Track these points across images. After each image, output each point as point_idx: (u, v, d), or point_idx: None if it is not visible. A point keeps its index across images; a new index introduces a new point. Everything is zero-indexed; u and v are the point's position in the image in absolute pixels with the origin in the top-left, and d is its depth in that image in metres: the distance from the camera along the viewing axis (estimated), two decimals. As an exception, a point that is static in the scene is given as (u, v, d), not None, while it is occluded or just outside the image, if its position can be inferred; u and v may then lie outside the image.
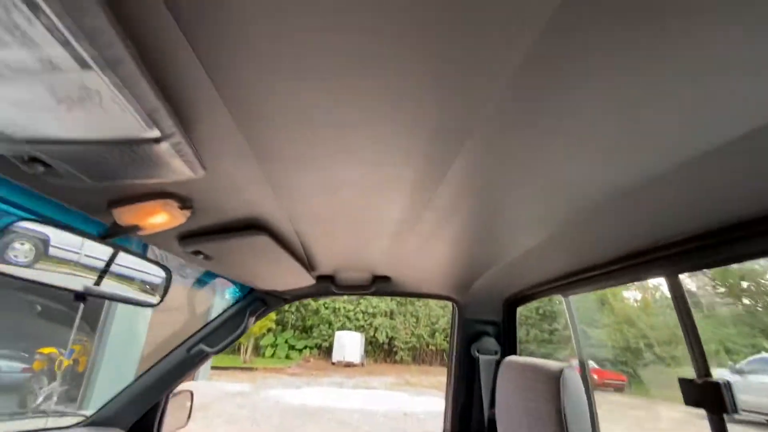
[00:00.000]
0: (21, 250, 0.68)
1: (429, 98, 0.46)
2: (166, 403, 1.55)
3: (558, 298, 1.43)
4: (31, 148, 0.44)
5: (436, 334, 19.17)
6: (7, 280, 0.68)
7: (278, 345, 18.05)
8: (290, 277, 1.36)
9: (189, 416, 1.77)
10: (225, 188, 0.71)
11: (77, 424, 1.43)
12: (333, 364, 17.16)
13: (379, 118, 0.51)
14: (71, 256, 0.77)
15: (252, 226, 0.91)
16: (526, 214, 0.83)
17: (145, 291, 1.04)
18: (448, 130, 0.53)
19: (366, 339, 18.44)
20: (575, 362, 1.67)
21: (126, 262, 0.89)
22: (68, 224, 0.69)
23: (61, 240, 0.71)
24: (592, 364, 11.96)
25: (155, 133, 0.44)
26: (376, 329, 19.04)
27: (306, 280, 1.41)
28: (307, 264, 1.31)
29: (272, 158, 0.62)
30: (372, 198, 0.79)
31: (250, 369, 15.19)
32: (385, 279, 1.52)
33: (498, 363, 1.46)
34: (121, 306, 7.69)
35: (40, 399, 6.89)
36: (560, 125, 0.50)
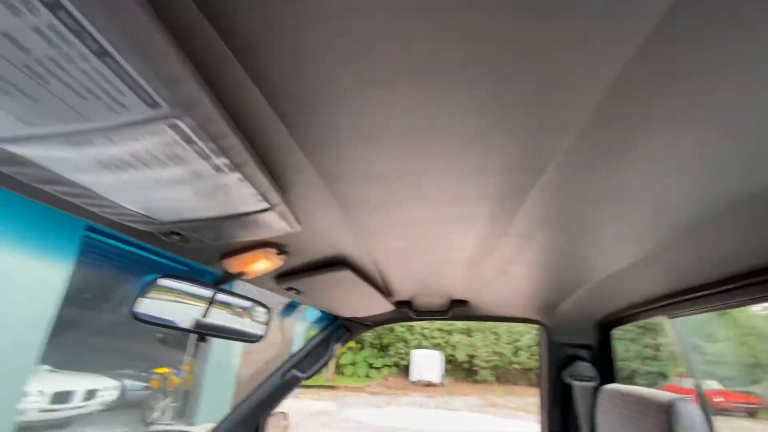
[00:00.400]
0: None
1: (505, 137, 0.47)
2: (264, 423, 1.69)
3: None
4: (173, 226, 0.56)
5: (520, 351, 18.03)
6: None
7: (357, 363, 18.40)
8: (370, 304, 1.42)
9: (285, 437, 1.91)
10: (314, 234, 0.80)
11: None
12: (412, 383, 16.98)
13: (451, 164, 0.54)
14: (176, 285, 0.89)
15: (336, 262, 0.99)
16: (617, 234, 0.78)
17: (240, 315, 1.15)
18: (525, 163, 0.53)
19: (444, 357, 18.00)
20: (690, 381, 1.47)
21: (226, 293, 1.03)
22: (190, 275, 0.82)
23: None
24: (714, 384, 10.23)
25: (265, 206, 0.53)
26: (454, 347, 18.50)
27: (385, 306, 1.46)
28: (385, 291, 1.36)
29: (353, 206, 0.69)
30: (446, 231, 0.82)
31: (332, 387, 15.66)
32: (463, 303, 1.51)
33: (595, 390, 1.35)
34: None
35: (157, 414, 7.85)
36: (659, 141, 0.46)
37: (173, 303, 0.81)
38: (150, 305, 0.75)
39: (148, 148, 0.37)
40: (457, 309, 1.53)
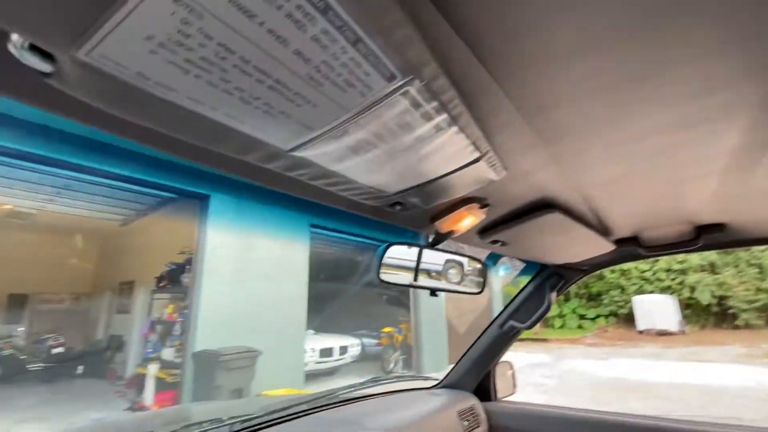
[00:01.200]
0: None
1: None
2: (494, 371, 1.78)
3: None
4: (397, 197, 0.63)
5: (806, 285, 13.19)
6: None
7: (566, 315, 17.30)
8: (584, 247, 1.28)
9: (514, 384, 1.97)
10: (516, 179, 0.75)
11: (434, 386, 1.86)
12: (639, 333, 14.80)
13: (701, 41, 0.41)
14: (404, 250, 1.00)
15: (542, 206, 0.92)
16: None
17: (459, 270, 1.21)
18: None
19: (679, 301, 14.89)
20: None
21: (430, 258, 1.10)
22: (408, 241, 0.92)
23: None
24: None
25: (476, 155, 0.53)
26: (692, 288, 15.05)
27: (603, 247, 1.29)
28: (602, 230, 1.20)
29: (560, 138, 0.61)
30: (688, 139, 0.64)
31: (543, 340, 15.25)
32: (717, 228, 1.17)
33: None
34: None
35: (392, 365, 9.45)
36: None
37: (405, 265, 0.93)
38: (388, 270, 0.88)
39: (385, 122, 0.42)
40: (708, 236, 1.20)
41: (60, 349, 8.02)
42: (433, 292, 0.97)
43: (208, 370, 5.16)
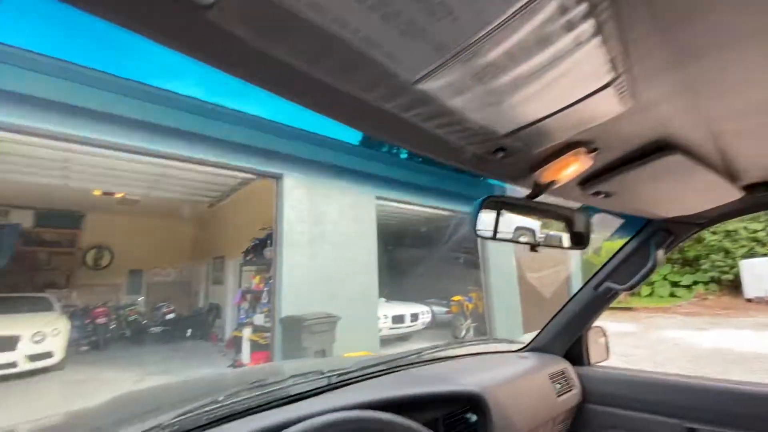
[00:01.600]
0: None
1: None
2: (586, 336, 1.69)
3: None
4: (503, 141, 0.58)
5: None
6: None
7: (655, 282, 15.76)
8: (704, 195, 1.11)
9: (608, 350, 1.85)
10: (633, 115, 0.66)
11: (521, 349, 1.82)
12: (748, 301, 13.01)
13: None
14: (499, 202, 0.93)
15: (660, 147, 0.80)
16: None
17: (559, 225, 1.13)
18: None
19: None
20: None
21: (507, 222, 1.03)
22: (505, 195, 0.87)
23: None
24: None
25: (609, 78, 0.46)
26: (821, 249, 12.73)
27: (728, 194, 1.11)
28: (729, 174, 1.03)
29: (695, 59, 0.51)
30: None
31: (628, 309, 14.14)
32: None
33: None
34: (492, 254, 9.41)
35: (463, 332, 9.48)
36: None
37: (501, 219, 0.89)
38: (483, 223, 0.85)
39: (522, 38, 0.38)
40: None
41: (172, 315, 9.33)
42: (533, 247, 0.92)
43: (295, 333, 5.64)
